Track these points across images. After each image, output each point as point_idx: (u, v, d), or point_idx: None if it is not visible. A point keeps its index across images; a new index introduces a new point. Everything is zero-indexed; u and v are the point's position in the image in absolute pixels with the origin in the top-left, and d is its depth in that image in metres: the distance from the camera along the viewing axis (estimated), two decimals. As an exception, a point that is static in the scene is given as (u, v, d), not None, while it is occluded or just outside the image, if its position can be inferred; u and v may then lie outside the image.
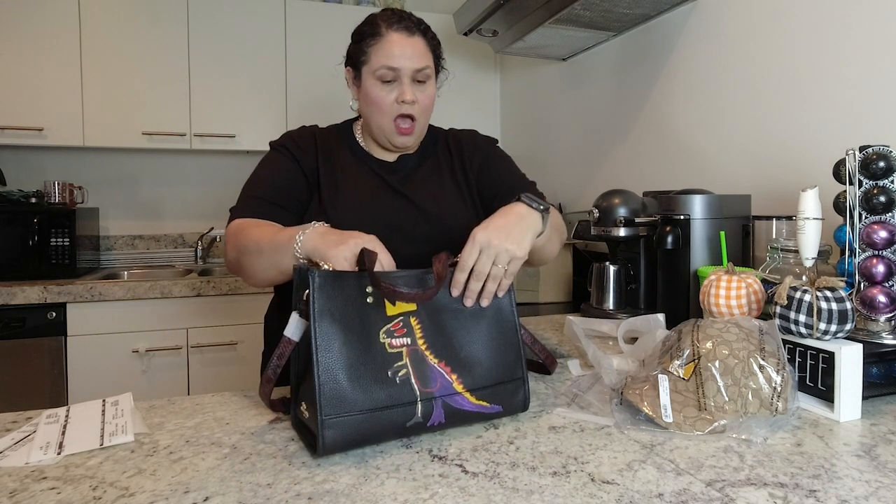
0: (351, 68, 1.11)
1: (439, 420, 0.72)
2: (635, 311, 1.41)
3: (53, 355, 2.05)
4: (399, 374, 0.71)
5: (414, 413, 0.70)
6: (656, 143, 1.83)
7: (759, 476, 0.62)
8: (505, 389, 0.78)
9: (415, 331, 0.74)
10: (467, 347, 0.77)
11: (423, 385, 0.72)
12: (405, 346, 0.73)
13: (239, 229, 0.99)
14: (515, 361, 0.80)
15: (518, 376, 0.80)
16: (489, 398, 0.76)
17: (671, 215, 1.25)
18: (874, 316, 0.88)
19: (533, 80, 2.59)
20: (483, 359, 0.77)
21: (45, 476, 0.63)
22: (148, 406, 0.83)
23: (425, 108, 1.09)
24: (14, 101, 2.23)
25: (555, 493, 0.59)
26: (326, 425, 0.66)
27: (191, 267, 2.60)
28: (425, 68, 1.06)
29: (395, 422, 0.69)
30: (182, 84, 2.42)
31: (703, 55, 1.63)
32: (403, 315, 0.74)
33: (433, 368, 0.73)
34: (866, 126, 1.20)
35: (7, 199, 2.21)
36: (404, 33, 1.04)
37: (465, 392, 0.74)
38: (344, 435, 0.67)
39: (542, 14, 1.75)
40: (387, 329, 0.73)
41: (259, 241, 0.93)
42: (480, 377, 0.76)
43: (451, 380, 0.74)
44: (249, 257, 0.95)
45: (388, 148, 1.13)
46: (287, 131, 1.16)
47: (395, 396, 0.70)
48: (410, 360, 0.73)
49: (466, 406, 0.74)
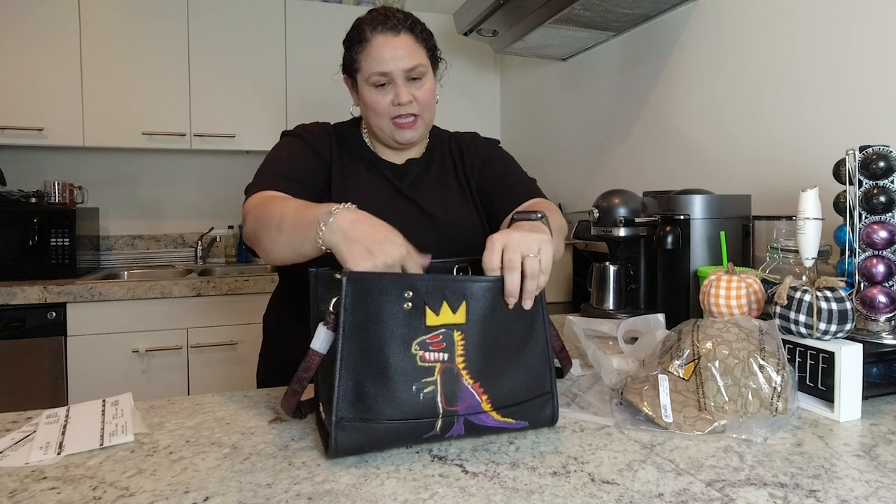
0: (347, 76, 1.11)
1: (458, 433, 0.69)
2: (635, 311, 1.41)
3: (53, 355, 2.05)
4: (424, 391, 0.66)
5: (433, 427, 0.67)
6: (656, 143, 1.83)
7: (759, 476, 0.62)
8: (534, 405, 0.73)
9: (456, 346, 0.68)
10: (501, 359, 0.71)
11: (449, 404, 0.67)
12: (439, 361, 0.67)
13: (261, 201, 0.92)
14: (545, 374, 0.75)
15: (547, 390, 0.74)
16: (515, 415, 0.72)
17: (671, 215, 1.25)
18: (874, 316, 0.88)
19: (533, 80, 2.59)
20: (515, 373, 0.72)
21: (45, 476, 0.63)
22: (148, 406, 0.83)
23: (425, 103, 1.07)
24: (14, 101, 2.23)
25: (555, 493, 0.59)
26: (339, 427, 0.64)
27: (191, 267, 2.60)
28: (417, 66, 1.04)
29: (411, 433, 0.67)
30: (182, 84, 2.42)
31: (703, 55, 1.63)
32: (446, 327, 0.67)
33: (465, 389, 0.68)
34: (866, 126, 1.20)
35: (7, 199, 2.21)
36: (390, 34, 1.03)
37: (491, 411, 0.70)
38: (357, 440, 0.65)
39: (542, 14, 1.75)
40: (422, 340, 0.67)
41: (282, 215, 0.84)
42: (511, 393, 0.71)
43: (480, 400, 0.69)
44: (269, 232, 0.86)
45: (393, 147, 1.13)
46: (301, 124, 1.15)
47: (416, 412, 0.66)
48: (442, 377, 0.67)
49: (490, 423, 0.70)
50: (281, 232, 0.83)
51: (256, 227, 0.89)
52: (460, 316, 0.67)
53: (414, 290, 0.66)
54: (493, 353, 0.70)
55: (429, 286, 0.67)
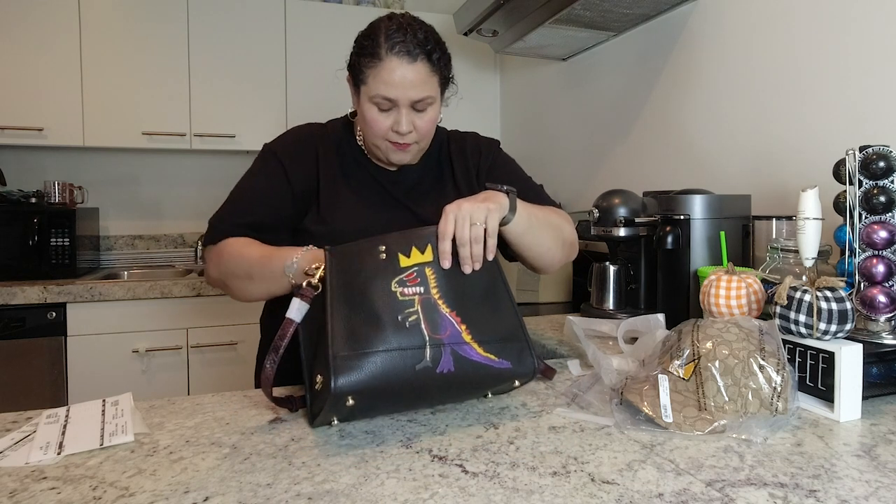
0: (351, 77, 1.04)
1: (448, 367, 0.74)
2: (635, 311, 1.41)
3: (53, 355, 2.05)
4: (409, 320, 0.74)
5: (423, 356, 0.72)
6: (656, 143, 1.83)
7: (759, 476, 0.62)
8: (512, 348, 0.79)
9: (429, 280, 0.78)
10: (473, 297, 0.80)
11: (433, 331, 0.74)
12: (417, 294, 0.76)
13: (222, 250, 1.01)
14: (515, 325, 0.82)
15: (522, 339, 0.81)
16: (497, 352, 0.78)
17: (671, 215, 1.25)
18: (874, 316, 0.88)
19: (533, 80, 2.59)
20: (487, 312, 0.80)
21: (45, 476, 0.63)
22: (148, 406, 0.83)
23: (425, 134, 1.03)
24: (14, 101, 2.23)
25: (555, 493, 0.59)
26: (337, 366, 0.68)
27: (191, 267, 2.60)
28: (425, 98, 0.98)
29: (404, 365, 0.71)
30: (182, 84, 2.42)
31: (703, 55, 1.63)
32: (418, 266, 0.78)
33: (444, 317, 0.76)
34: (866, 126, 1.20)
35: (7, 199, 2.21)
36: (405, 59, 0.95)
37: (473, 343, 0.76)
38: (355, 376, 0.68)
39: (542, 14, 1.75)
40: (399, 279, 0.76)
41: (249, 267, 0.96)
42: (487, 330, 0.78)
43: (460, 329, 0.76)
44: (239, 281, 0.98)
45: (384, 163, 1.10)
46: (286, 132, 1.13)
47: (405, 339, 0.73)
48: (422, 307, 0.75)
49: (474, 356, 0.76)
50: (252, 281, 0.96)
51: (223, 276, 1.01)
52: (428, 255, 0.79)
53: (385, 244, 0.79)
54: (463, 288, 0.80)
55: (396, 240, 0.80)
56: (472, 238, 0.81)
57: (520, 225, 0.93)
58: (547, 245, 1.02)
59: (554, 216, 1.06)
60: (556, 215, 1.07)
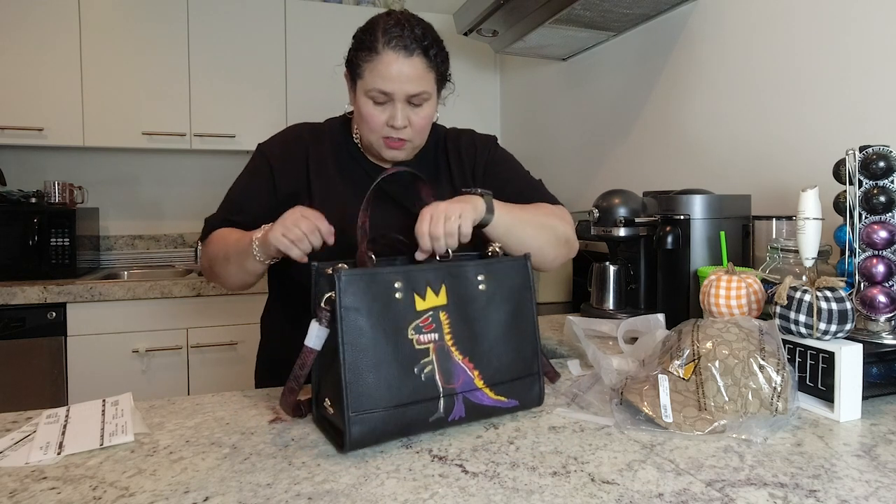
0: (348, 73, 1.04)
1: (460, 415, 0.74)
2: (635, 311, 1.41)
3: (53, 355, 2.05)
4: (425, 371, 0.72)
5: (437, 408, 0.72)
6: (656, 143, 1.83)
7: (759, 476, 0.62)
8: (522, 384, 0.80)
9: (443, 326, 0.75)
10: (488, 339, 0.78)
11: (447, 381, 0.74)
12: (432, 342, 0.74)
13: (210, 240, 1.07)
14: (532, 356, 0.82)
15: (534, 371, 0.82)
16: (507, 393, 0.78)
17: (671, 215, 1.25)
18: (874, 316, 0.88)
19: (533, 80, 2.59)
20: (502, 352, 0.79)
21: (45, 476, 0.63)
22: (148, 406, 0.83)
23: (420, 130, 1.03)
24: (14, 101, 2.23)
25: (555, 493, 0.59)
26: (354, 422, 0.67)
27: (191, 267, 2.60)
28: (421, 93, 0.98)
29: (418, 417, 0.71)
30: (182, 84, 2.42)
31: (703, 55, 1.63)
32: (433, 309, 0.75)
33: (457, 365, 0.75)
34: (866, 126, 1.20)
35: (7, 199, 2.21)
36: (402, 53, 0.96)
37: (484, 388, 0.77)
38: (370, 430, 0.68)
39: (542, 14, 1.75)
40: (416, 325, 0.73)
41: (226, 249, 1.00)
42: (499, 372, 0.78)
43: (472, 376, 0.76)
44: (220, 265, 1.02)
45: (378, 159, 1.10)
46: (279, 133, 1.13)
47: (420, 392, 0.71)
48: (436, 356, 0.74)
49: (486, 401, 0.76)
50: (229, 262, 0.99)
51: (210, 263, 1.05)
52: (442, 297, 0.76)
53: (402, 280, 0.74)
54: (477, 331, 0.78)
55: (412, 274, 0.75)
56: (445, 233, 0.83)
57: (500, 226, 0.94)
58: (536, 245, 1.01)
59: (544, 215, 1.04)
60: (547, 214, 1.05)
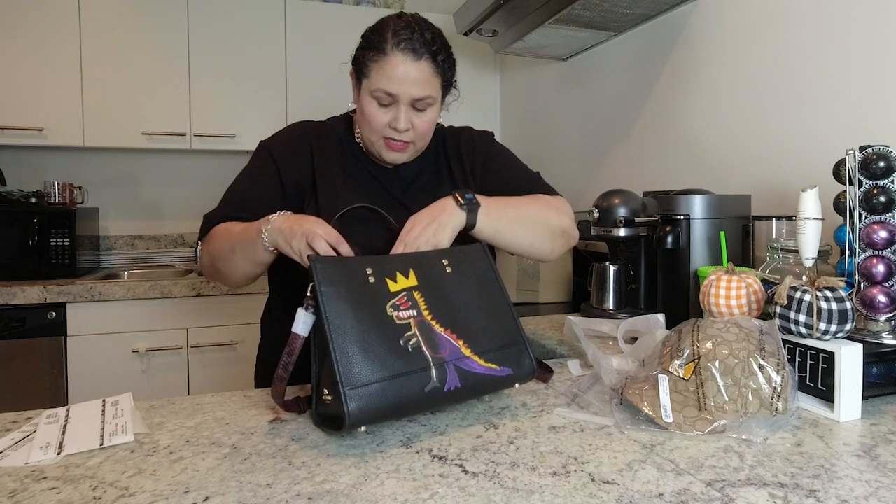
0: (354, 71, 1.05)
1: (455, 384, 0.75)
2: (635, 311, 1.41)
3: (53, 355, 2.05)
4: (410, 343, 0.75)
5: (430, 378, 0.74)
6: (656, 143, 1.83)
7: (759, 476, 0.62)
8: (510, 353, 0.82)
9: (419, 303, 0.79)
10: (466, 312, 0.82)
11: (434, 351, 0.76)
12: (412, 317, 0.77)
13: (211, 236, 1.04)
14: (512, 326, 0.84)
15: (519, 341, 0.84)
16: (497, 361, 0.80)
17: (671, 215, 1.25)
18: (874, 316, 0.88)
19: (533, 80, 2.59)
20: (481, 319, 0.82)
21: (45, 476, 0.63)
22: (148, 406, 0.83)
23: (422, 134, 1.03)
24: (14, 101, 2.23)
25: (555, 493, 0.59)
26: (350, 397, 0.68)
27: (191, 267, 2.60)
28: (426, 97, 0.99)
29: (413, 389, 0.72)
30: (182, 84, 2.42)
31: (703, 55, 1.63)
32: (406, 290, 0.79)
33: (440, 336, 0.78)
34: (866, 126, 1.20)
35: (7, 199, 2.21)
36: (410, 56, 0.96)
37: (473, 356, 0.78)
38: (367, 405, 0.69)
39: (542, 14, 1.75)
40: (393, 303, 0.77)
41: (231, 242, 0.97)
42: (485, 341, 0.81)
43: (458, 345, 0.78)
44: (224, 261, 1.00)
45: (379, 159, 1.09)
46: (282, 130, 1.13)
47: (411, 363, 0.73)
48: (419, 329, 0.77)
49: (477, 369, 0.78)
50: (234, 254, 0.97)
51: (212, 260, 1.03)
52: (412, 280, 0.81)
53: (372, 267, 0.79)
54: (452, 303, 0.81)
55: (379, 263, 0.80)
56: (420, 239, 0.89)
57: (487, 228, 0.96)
58: (528, 240, 1.03)
59: (537, 210, 1.04)
60: (541, 207, 1.05)
